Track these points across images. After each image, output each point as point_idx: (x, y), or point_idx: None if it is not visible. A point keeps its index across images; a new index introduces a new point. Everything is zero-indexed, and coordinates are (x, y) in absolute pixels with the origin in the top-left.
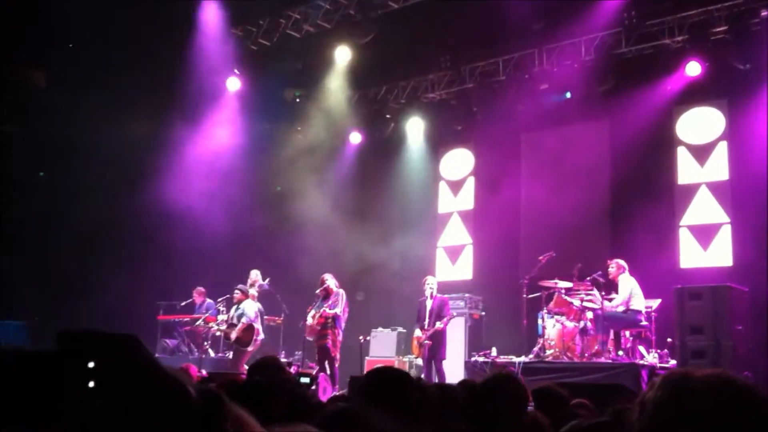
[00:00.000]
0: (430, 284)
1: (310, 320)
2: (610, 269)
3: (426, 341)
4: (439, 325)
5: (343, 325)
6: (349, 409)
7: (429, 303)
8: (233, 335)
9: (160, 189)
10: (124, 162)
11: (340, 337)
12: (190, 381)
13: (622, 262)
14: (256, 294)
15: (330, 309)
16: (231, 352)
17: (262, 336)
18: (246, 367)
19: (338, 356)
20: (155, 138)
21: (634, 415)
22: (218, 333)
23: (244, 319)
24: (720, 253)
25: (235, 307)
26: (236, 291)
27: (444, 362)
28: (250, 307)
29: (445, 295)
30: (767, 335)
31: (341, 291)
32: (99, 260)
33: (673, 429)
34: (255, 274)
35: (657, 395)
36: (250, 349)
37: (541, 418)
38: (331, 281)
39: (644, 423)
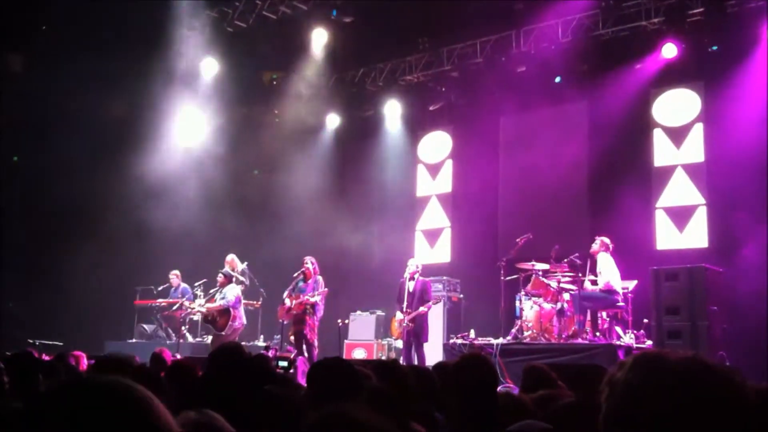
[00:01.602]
0: (412, 266)
1: (287, 301)
2: (593, 245)
3: (407, 324)
4: (422, 308)
5: (321, 312)
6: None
7: (410, 285)
8: (205, 311)
9: (135, 173)
10: (100, 146)
11: (317, 323)
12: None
13: (607, 240)
14: (240, 278)
15: (311, 297)
16: (209, 337)
17: (243, 322)
18: None
19: (316, 342)
20: (131, 121)
21: (602, 395)
22: (196, 317)
23: (222, 302)
24: (696, 235)
25: (219, 290)
26: (220, 275)
27: (424, 345)
28: (232, 292)
29: (427, 279)
30: (742, 315)
31: (319, 277)
32: (75, 244)
33: (645, 411)
34: (230, 258)
35: (628, 377)
36: (225, 333)
37: (525, 399)
38: (311, 265)
39: (614, 404)
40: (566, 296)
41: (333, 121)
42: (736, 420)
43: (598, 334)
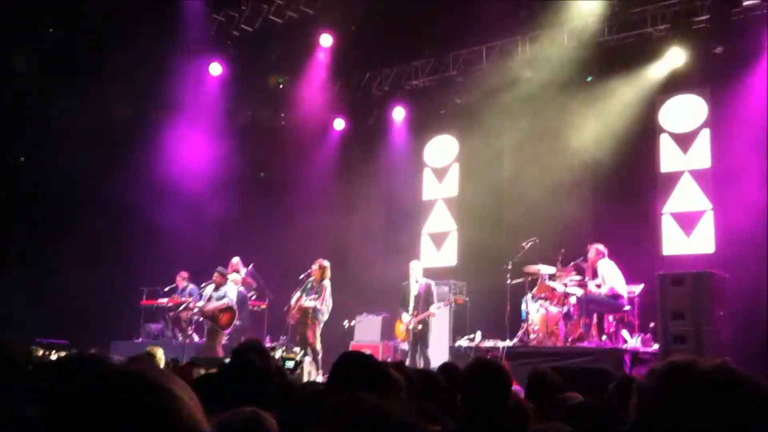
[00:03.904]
0: (415, 269)
1: (293, 302)
2: (589, 254)
3: (415, 327)
4: (433, 309)
5: (324, 317)
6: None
7: (415, 288)
8: (210, 309)
9: (142, 173)
10: (108, 146)
11: (319, 329)
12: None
13: (601, 246)
14: (239, 279)
15: (311, 301)
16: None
17: (238, 322)
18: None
19: (319, 347)
20: (138, 122)
21: (631, 402)
22: (196, 316)
23: (225, 300)
24: (702, 240)
25: (213, 287)
26: (216, 273)
27: (430, 347)
28: (232, 290)
29: (431, 281)
30: (747, 321)
31: (326, 283)
32: (82, 244)
33: (674, 419)
34: (236, 261)
35: (657, 384)
36: (227, 331)
37: (524, 403)
38: (318, 268)
39: (643, 411)
40: (572, 300)
41: (339, 124)
42: (764, 426)
43: (604, 337)
